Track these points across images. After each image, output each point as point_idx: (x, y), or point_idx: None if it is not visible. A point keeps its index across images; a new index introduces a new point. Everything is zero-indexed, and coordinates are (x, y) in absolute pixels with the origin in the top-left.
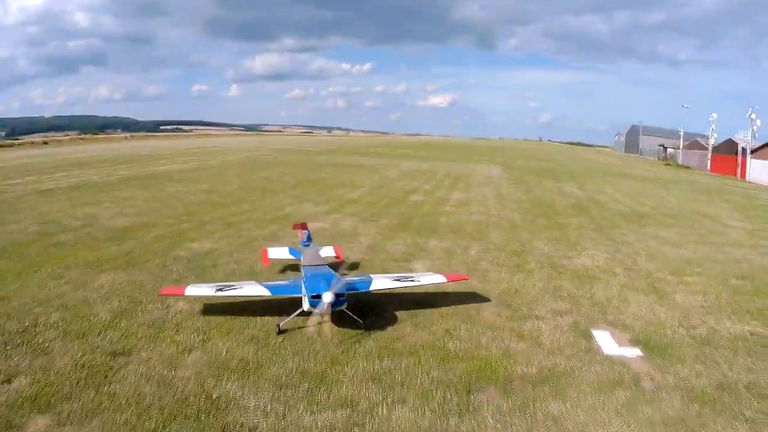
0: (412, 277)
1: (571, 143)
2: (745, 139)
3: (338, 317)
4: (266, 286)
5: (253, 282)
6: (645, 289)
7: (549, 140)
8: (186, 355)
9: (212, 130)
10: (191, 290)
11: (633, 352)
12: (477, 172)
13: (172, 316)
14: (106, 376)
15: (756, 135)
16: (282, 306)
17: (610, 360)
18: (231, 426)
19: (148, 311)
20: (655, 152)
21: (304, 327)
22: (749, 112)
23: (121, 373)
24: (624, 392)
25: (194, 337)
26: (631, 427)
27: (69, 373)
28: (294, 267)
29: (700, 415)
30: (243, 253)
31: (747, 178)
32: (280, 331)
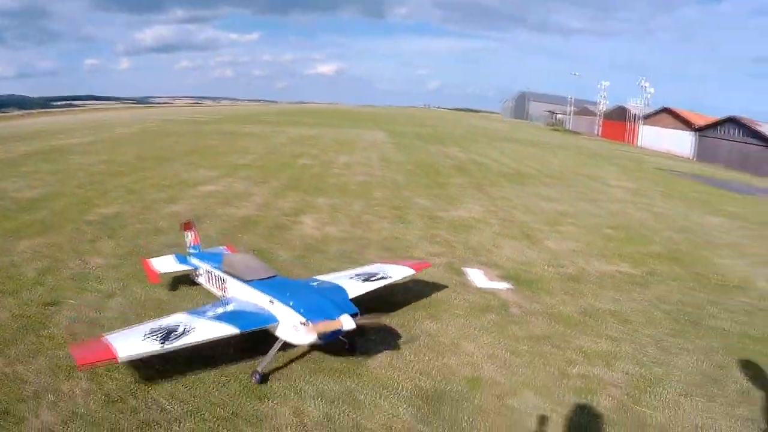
0: (377, 273)
1: (459, 110)
2: (636, 106)
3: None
4: (225, 321)
5: (184, 313)
6: (518, 236)
7: (436, 107)
8: (109, 299)
9: (103, 104)
10: (123, 350)
11: (503, 286)
12: (363, 137)
13: (93, 270)
14: (42, 323)
15: (648, 102)
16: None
17: (481, 291)
18: None
19: (69, 268)
20: (543, 118)
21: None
22: (640, 80)
23: (55, 319)
24: (493, 315)
25: (114, 285)
26: (498, 341)
27: (9, 323)
28: (184, 280)
29: (565, 334)
30: (146, 215)
31: (638, 143)
32: (263, 379)
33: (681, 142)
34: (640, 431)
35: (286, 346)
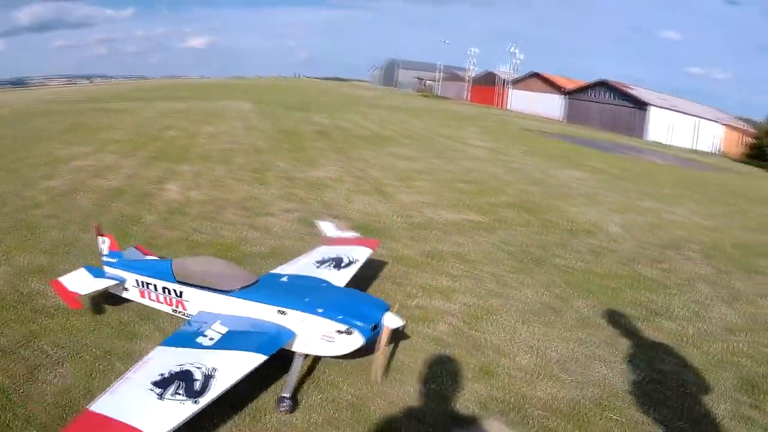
0: (343, 259)
1: (330, 79)
2: (505, 72)
3: None
4: (241, 347)
5: (168, 347)
6: (371, 192)
7: (307, 77)
8: None
9: None
10: (154, 427)
11: (351, 234)
12: (230, 108)
13: None
14: None
15: (517, 68)
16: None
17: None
18: (39, 308)
19: None
20: (412, 85)
21: None
22: (510, 47)
23: None
24: None
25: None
26: None
27: None
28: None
29: (407, 273)
30: (28, 192)
31: (507, 107)
32: (294, 405)
33: (550, 105)
34: (475, 351)
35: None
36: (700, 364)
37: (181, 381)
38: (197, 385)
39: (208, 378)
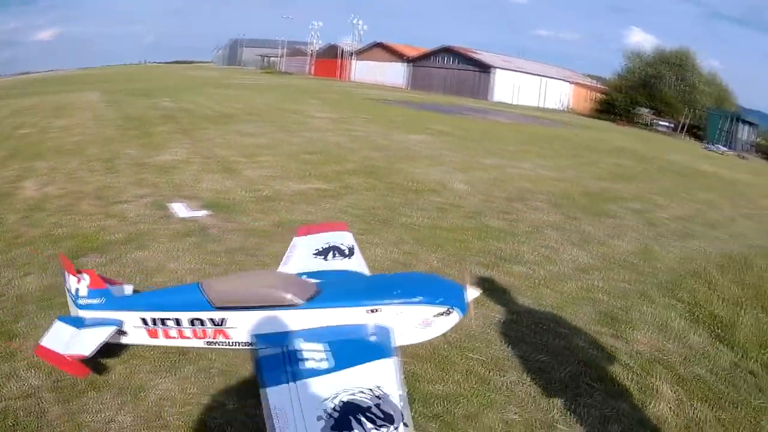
0: (338, 245)
1: (176, 62)
2: (348, 43)
3: None
4: (372, 356)
5: (295, 382)
6: (218, 170)
7: (153, 62)
8: None
9: None
10: None
11: (202, 213)
12: (80, 100)
13: None
14: None
15: (361, 39)
16: None
17: (183, 221)
18: None
19: None
20: (256, 63)
21: None
22: (352, 18)
23: None
24: (193, 238)
25: None
26: (199, 257)
27: None
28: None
29: (258, 244)
30: None
31: (351, 78)
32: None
33: (394, 74)
34: None
35: None
36: (555, 303)
37: (364, 413)
38: (384, 412)
39: (379, 399)
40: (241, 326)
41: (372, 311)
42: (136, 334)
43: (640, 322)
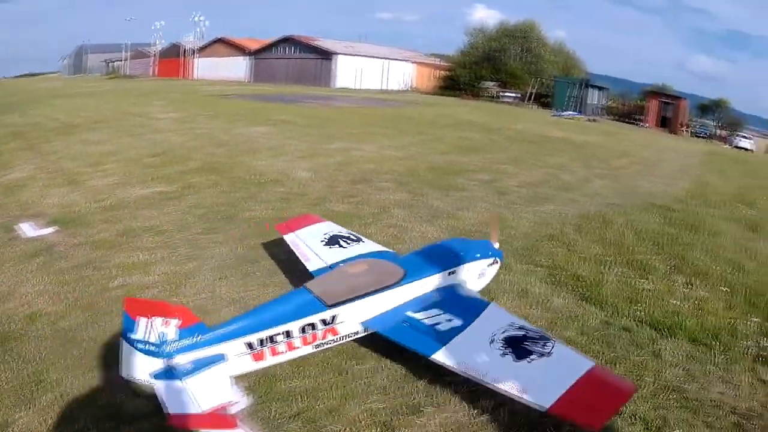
0: (346, 237)
1: (21, 76)
2: (190, 41)
3: None
4: (479, 310)
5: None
6: (64, 184)
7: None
8: None
9: None
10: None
11: (49, 230)
12: None
13: None
14: None
15: (203, 35)
16: None
17: (30, 240)
18: None
19: None
20: (101, 69)
21: None
22: (194, 15)
23: None
24: (40, 258)
25: None
26: (47, 278)
27: None
28: None
29: (105, 256)
30: None
31: (194, 76)
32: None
33: (236, 68)
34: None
35: None
36: None
37: (526, 342)
38: (536, 334)
39: (523, 328)
40: (349, 319)
41: (450, 273)
42: (239, 363)
43: (498, 291)
